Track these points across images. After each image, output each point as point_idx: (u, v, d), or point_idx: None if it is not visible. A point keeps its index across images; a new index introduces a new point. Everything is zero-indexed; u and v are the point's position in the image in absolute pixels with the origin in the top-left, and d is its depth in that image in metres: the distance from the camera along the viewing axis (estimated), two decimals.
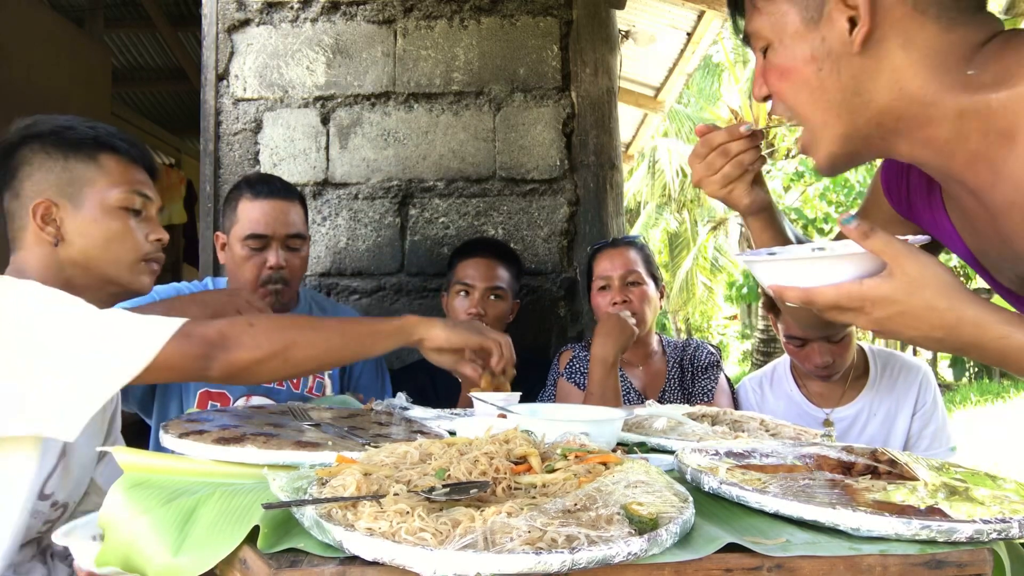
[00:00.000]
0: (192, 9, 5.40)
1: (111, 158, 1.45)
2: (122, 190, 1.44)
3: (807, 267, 1.02)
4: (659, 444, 1.39)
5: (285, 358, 1.28)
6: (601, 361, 2.03)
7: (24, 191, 1.40)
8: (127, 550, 0.89)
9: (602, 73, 2.87)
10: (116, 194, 1.43)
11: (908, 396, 2.25)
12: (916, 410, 2.25)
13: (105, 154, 1.45)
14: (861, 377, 2.30)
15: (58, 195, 1.41)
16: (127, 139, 1.50)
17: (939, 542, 0.82)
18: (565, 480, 0.92)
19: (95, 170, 1.43)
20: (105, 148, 1.45)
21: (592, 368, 2.05)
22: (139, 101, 7.39)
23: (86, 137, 1.44)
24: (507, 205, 2.80)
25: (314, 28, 2.85)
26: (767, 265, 1.07)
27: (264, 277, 2.01)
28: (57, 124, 1.44)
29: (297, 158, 2.82)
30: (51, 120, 1.45)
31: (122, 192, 1.44)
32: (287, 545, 0.80)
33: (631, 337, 2.08)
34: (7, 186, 1.42)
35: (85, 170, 1.43)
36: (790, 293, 1.01)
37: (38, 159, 1.41)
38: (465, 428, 1.26)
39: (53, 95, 4.25)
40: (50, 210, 1.39)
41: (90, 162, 1.43)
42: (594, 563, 0.72)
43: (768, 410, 2.29)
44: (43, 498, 1.32)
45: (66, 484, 1.37)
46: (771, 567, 0.79)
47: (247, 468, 1.07)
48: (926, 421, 2.25)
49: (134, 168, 1.48)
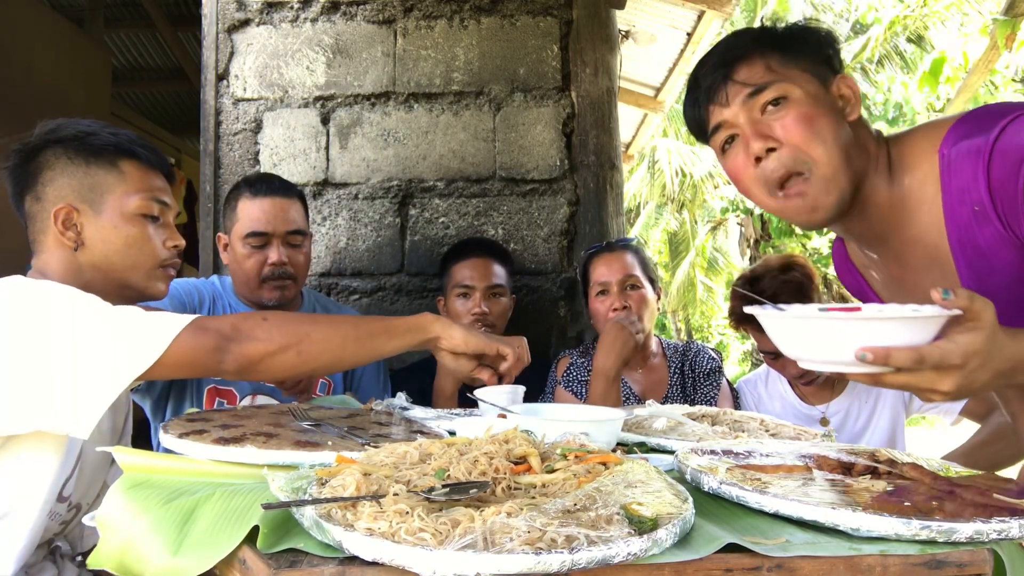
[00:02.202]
0: (192, 9, 5.40)
1: (131, 164, 1.47)
2: (142, 197, 1.45)
3: (896, 327, 0.95)
4: (659, 444, 1.39)
5: (299, 351, 1.27)
6: (603, 374, 2.02)
7: (46, 195, 1.42)
8: (124, 551, 0.89)
9: (602, 73, 2.87)
10: (136, 201, 1.45)
11: None
12: None
13: (126, 161, 1.46)
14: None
15: (79, 200, 1.42)
16: (147, 146, 1.51)
17: (939, 542, 0.82)
18: (565, 480, 0.92)
19: (116, 176, 1.45)
20: (126, 155, 1.47)
21: (594, 380, 2.04)
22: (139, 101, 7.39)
23: (108, 143, 1.45)
24: (507, 205, 2.80)
25: (314, 28, 2.85)
26: (848, 323, 0.97)
27: (266, 273, 2.02)
28: (79, 129, 1.46)
29: (297, 158, 2.82)
30: (74, 125, 1.47)
31: (141, 199, 1.45)
32: (287, 545, 0.80)
33: (634, 348, 2.07)
34: (29, 189, 1.44)
35: (106, 176, 1.44)
36: (878, 353, 0.94)
37: (60, 164, 1.43)
38: (465, 428, 1.26)
39: (53, 95, 4.25)
40: (71, 215, 1.41)
41: (111, 168, 1.45)
42: (594, 563, 0.72)
43: (764, 411, 2.30)
44: (61, 500, 1.33)
45: (80, 485, 1.38)
46: (771, 567, 0.79)
47: (247, 468, 1.07)
48: None
49: (153, 175, 1.50)
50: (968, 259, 1.19)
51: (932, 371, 0.95)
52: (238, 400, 2.02)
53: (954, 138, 1.18)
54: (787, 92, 1.22)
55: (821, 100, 1.22)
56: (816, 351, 1.01)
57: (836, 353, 0.97)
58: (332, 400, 1.86)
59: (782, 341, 1.05)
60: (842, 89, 1.26)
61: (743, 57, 1.26)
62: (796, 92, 1.22)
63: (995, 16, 4.64)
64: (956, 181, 1.17)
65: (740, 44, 1.29)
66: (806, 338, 1.01)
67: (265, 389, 2.04)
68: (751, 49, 1.26)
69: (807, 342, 1.01)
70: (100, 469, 1.46)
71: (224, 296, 2.14)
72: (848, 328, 0.96)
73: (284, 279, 2.04)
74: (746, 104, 1.24)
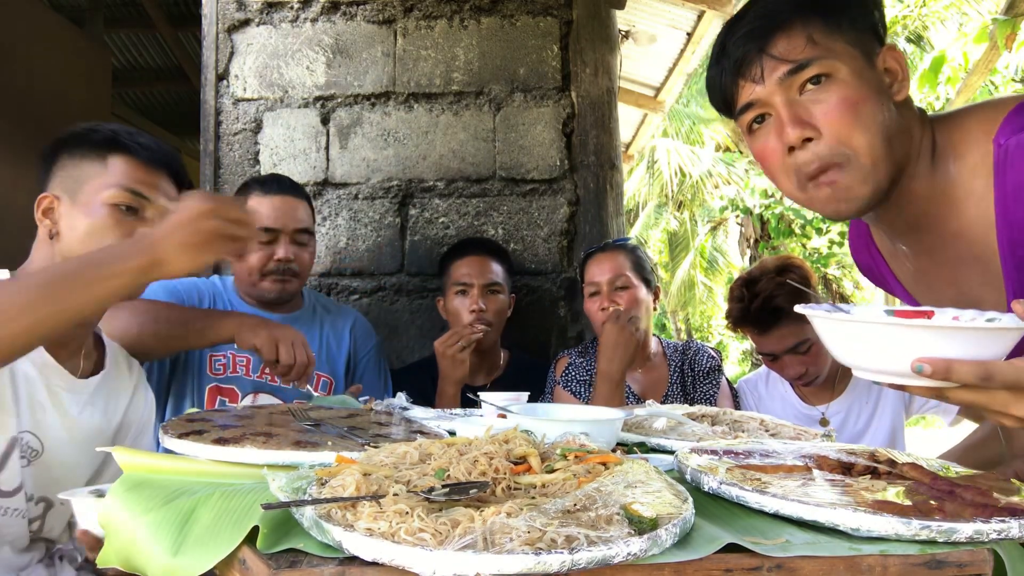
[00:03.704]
0: (192, 9, 5.40)
1: (120, 158, 1.46)
2: (116, 188, 1.43)
3: (960, 337, 0.84)
4: (659, 444, 1.39)
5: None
6: (608, 378, 2.02)
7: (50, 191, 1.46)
8: (127, 550, 0.89)
9: (602, 73, 2.87)
10: (109, 192, 1.43)
11: None
12: None
13: (115, 154, 1.46)
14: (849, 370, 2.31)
15: (62, 191, 1.44)
16: (145, 142, 1.49)
17: (939, 542, 0.82)
18: (565, 480, 0.92)
19: (99, 168, 1.45)
20: (116, 148, 1.46)
21: (598, 384, 2.04)
22: (139, 101, 7.39)
23: (104, 138, 1.46)
24: (507, 205, 2.80)
25: (314, 28, 2.85)
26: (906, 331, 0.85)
27: (270, 268, 2.05)
28: (88, 127, 1.48)
29: (297, 158, 2.82)
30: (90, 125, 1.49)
31: (116, 189, 1.43)
32: (286, 545, 0.80)
33: (637, 345, 2.07)
34: (45, 188, 1.48)
35: (90, 167, 1.45)
36: (940, 365, 0.84)
37: (62, 160, 1.47)
38: (465, 428, 1.26)
39: (53, 95, 4.25)
40: (52, 204, 1.43)
41: (97, 160, 1.45)
42: (594, 563, 0.71)
43: (765, 411, 2.30)
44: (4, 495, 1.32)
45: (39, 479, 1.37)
46: (771, 567, 0.79)
47: (247, 468, 1.07)
48: None
49: (143, 170, 1.47)
50: (1020, 262, 1.06)
51: (1004, 391, 0.84)
52: (240, 399, 2.02)
53: (1013, 127, 1.05)
54: (831, 70, 1.08)
55: (867, 79, 1.09)
56: (871, 359, 0.89)
57: (893, 363, 0.86)
58: (332, 400, 1.86)
59: (835, 347, 0.93)
60: (888, 63, 1.12)
61: (782, 27, 1.10)
62: (842, 70, 1.08)
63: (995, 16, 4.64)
64: (1014, 177, 1.04)
65: (779, 10, 1.12)
66: (860, 344, 0.89)
67: (267, 388, 2.05)
68: (791, 16, 1.10)
69: (861, 349, 0.89)
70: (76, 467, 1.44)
71: (225, 294, 2.15)
72: (906, 336, 0.85)
73: (287, 275, 2.06)
74: (783, 83, 1.10)
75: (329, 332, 2.22)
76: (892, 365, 0.87)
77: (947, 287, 1.18)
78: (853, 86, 1.08)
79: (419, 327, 2.78)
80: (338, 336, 2.23)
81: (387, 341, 2.73)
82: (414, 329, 2.78)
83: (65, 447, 1.41)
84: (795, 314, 2.12)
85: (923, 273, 1.24)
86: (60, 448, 1.39)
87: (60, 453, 1.40)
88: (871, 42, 1.12)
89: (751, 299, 2.14)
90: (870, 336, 0.88)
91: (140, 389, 1.64)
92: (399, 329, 2.78)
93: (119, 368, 1.59)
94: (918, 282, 1.27)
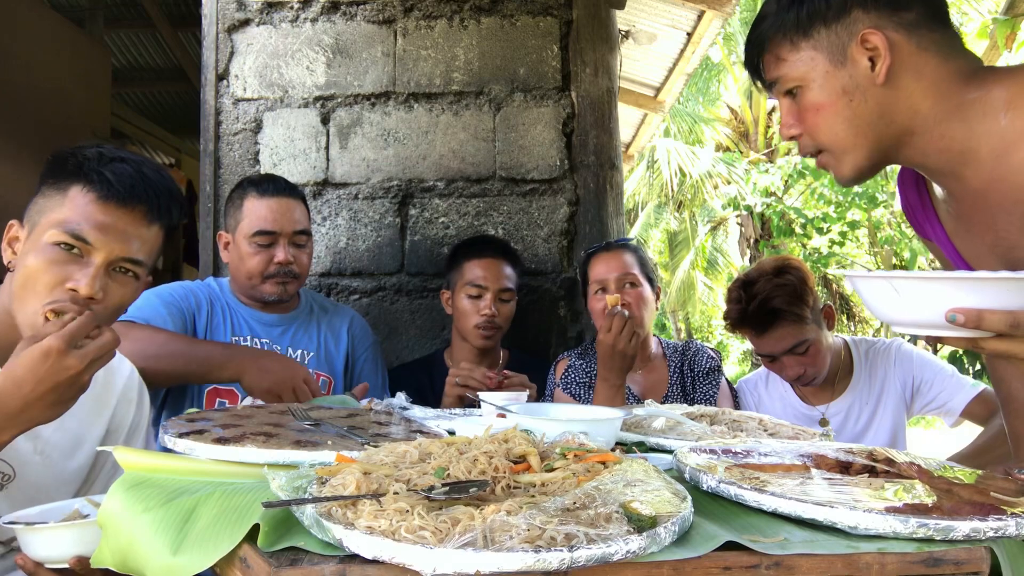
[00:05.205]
0: (192, 9, 5.41)
1: (80, 191, 1.32)
2: (61, 227, 1.29)
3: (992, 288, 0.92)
4: (658, 443, 1.39)
5: None
6: (607, 382, 2.00)
7: None
8: (126, 549, 0.90)
9: (602, 73, 2.87)
10: (50, 231, 1.29)
11: (891, 375, 2.27)
12: (906, 384, 2.26)
13: (77, 186, 1.32)
14: (849, 371, 2.31)
15: (27, 220, 1.35)
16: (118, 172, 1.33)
17: (936, 540, 0.82)
18: (564, 479, 0.93)
19: (58, 200, 1.32)
20: (80, 179, 1.32)
21: (598, 387, 2.04)
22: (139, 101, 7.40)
23: (75, 164, 1.34)
24: (507, 205, 2.80)
25: (314, 28, 2.86)
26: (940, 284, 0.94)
27: (271, 271, 2.05)
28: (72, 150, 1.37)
29: (297, 158, 2.83)
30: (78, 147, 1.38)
31: (59, 229, 1.29)
32: (287, 543, 0.80)
33: (635, 349, 2.06)
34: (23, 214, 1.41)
35: (51, 198, 1.33)
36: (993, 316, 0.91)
37: (43, 186, 1.37)
38: (465, 428, 1.26)
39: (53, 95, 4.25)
40: (17, 234, 1.35)
41: (58, 191, 1.33)
42: (593, 561, 0.72)
43: (765, 411, 2.30)
44: None
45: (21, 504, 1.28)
46: (769, 565, 0.79)
47: (247, 467, 1.07)
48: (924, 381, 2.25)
49: (103, 207, 1.31)
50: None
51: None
52: (239, 400, 2.02)
53: None
54: (797, 82, 1.24)
55: (831, 82, 1.21)
56: (908, 313, 0.98)
57: (929, 315, 0.94)
58: (332, 400, 1.86)
59: (874, 303, 1.02)
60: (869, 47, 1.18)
61: (760, 52, 1.31)
62: (807, 78, 1.23)
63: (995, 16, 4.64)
64: None
65: (754, 39, 1.32)
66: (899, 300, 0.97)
67: None
68: (764, 40, 1.29)
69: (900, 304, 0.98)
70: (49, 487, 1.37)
71: (222, 297, 2.14)
72: (940, 288, 0.93)
73: (287, 277, 2.07)
74: (776, 91, 1.30)
75: (327, 331, 2.22)
76: (928, 317, 0.95)
77: (986, 232, 1.22)
78: (817, 92, 1.23)
79: (419, 327, 2.78)
80: (336, 335, 2.23)
81: (387, 341, 2.73)
82: (414, 329, 2.78)
83: (38, 469, 1.36)
84: (793, 315, 2.14)
85: (963, 218, 1.29)
86: (33, 470, 1.34)
87: (34, 474, 1.34)
88: (843, 33, 1.21)
89: (748, 300, 2.14)
90: (908, 290, 0.96)
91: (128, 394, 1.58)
92: (399, 329, 2.78)
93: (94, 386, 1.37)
94: (958, 224, 1.31)
